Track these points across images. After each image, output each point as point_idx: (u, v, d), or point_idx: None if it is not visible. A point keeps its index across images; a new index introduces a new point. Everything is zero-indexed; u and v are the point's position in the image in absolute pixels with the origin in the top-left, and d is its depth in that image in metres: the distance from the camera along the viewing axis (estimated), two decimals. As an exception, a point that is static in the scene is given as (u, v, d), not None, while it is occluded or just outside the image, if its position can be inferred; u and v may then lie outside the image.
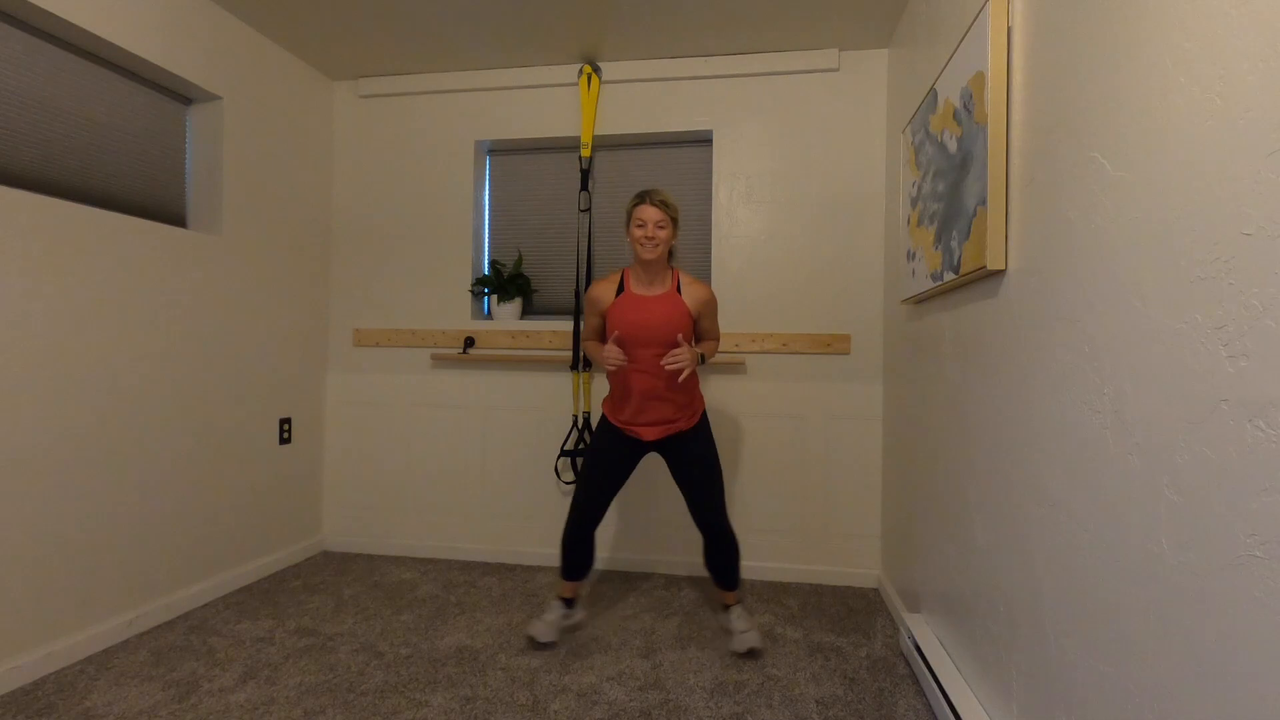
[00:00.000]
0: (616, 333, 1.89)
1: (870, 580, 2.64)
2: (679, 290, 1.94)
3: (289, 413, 2.78)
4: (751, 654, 1.97)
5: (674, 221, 1.88)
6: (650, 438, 1.96)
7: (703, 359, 1.93)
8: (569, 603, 2.07)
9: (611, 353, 1.83)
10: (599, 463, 1.97)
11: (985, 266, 1.41)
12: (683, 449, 1.96)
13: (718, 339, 2.06)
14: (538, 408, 2.86)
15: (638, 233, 1.86)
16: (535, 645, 1.99)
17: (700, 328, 2.00)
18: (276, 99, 2.67)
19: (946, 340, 1.82)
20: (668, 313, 1.89)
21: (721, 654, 2.01)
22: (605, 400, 2.04)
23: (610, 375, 1.99)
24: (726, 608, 2.06)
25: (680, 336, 1.86)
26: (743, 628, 1.98)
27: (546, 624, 2.00)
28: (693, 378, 1.98)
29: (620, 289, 1.95)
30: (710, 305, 1.98)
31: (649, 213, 1.85)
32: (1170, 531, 0.88)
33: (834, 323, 2.67)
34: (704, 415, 2.01)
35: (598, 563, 2.81)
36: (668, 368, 1.81)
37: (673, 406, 1.94)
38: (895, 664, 1.97)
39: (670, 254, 1.96)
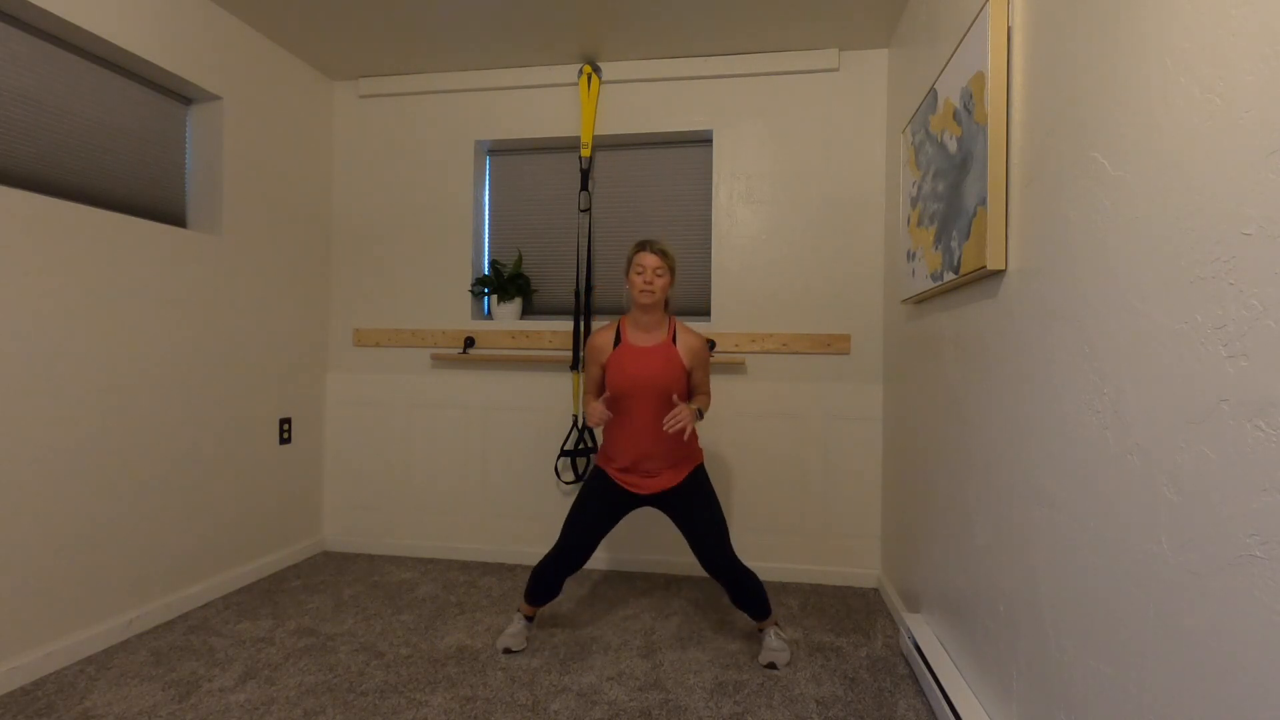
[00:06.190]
0: (610, 393, 1.92)
1: (870, 580, 2.64)
2: (674, 340, 1.95)
3: (289, 413, 2.78)
4: (771, 666, 1.94)
5: (671, 271, 1.93)
6: (645, 492, 1.95)
7: (700, 414, 1.93)
8: (529, 619, 2.07)
9: (595, 413, 1.85)
10: (586, 511, 1.96)
11: (985, 266, 1.41)
12: (681, 504, 1.95)
13: (709, 393, 2.04)
14: (538, 408, 2.86)
15: (637, 280, 1.91)
16: (509, 653, 1.99)
17: (692, 380, 1.98)
18: (276, 99, 2.67)
19: (946, 340, 1.82)
20: (663, 365, 1.91)
21: (721, 654, 2.01)
22: (599, 453, 2.04)
23: (606, 427, 1.99)
24: (761, 631, 2.01)
25: (675, 397, 1.87)
26: (776, 646, 1.94)
27: (515, 635, 2.01)
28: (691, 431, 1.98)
29: (618, 339, 1.96)
30: (701, 356, 1.97)
31: (648, 259, 1.90)
32: (1170, 531, 0.88)
33: (834, 323, 2.67)
34: (700, 466, 2.00)
35: (599, 563, 2.81)
36: (669, 430, 1.80)
37: (668, 458, 1.94)
38: (895, 664, 1.97)
39: (666, 304, 1.99)
